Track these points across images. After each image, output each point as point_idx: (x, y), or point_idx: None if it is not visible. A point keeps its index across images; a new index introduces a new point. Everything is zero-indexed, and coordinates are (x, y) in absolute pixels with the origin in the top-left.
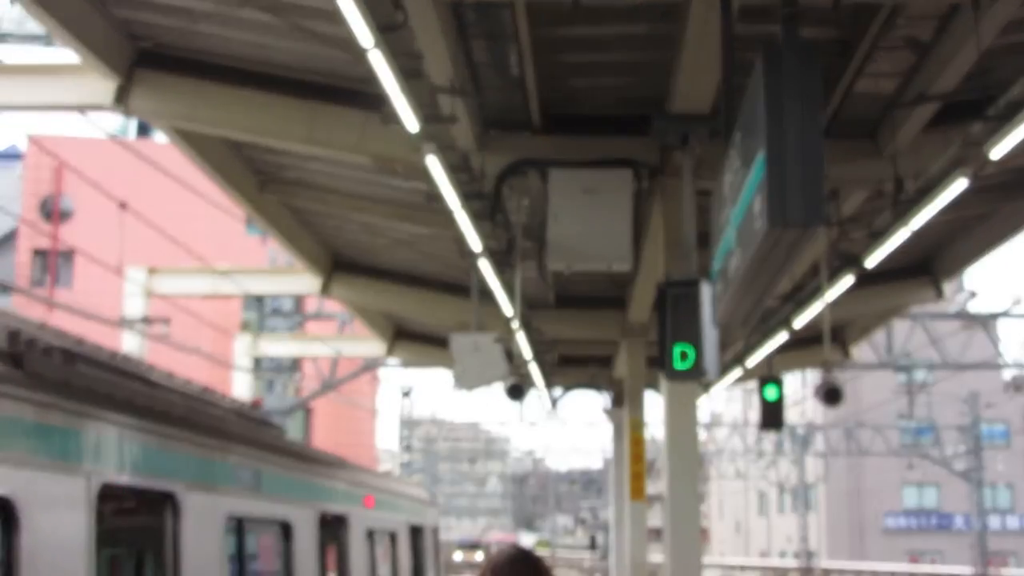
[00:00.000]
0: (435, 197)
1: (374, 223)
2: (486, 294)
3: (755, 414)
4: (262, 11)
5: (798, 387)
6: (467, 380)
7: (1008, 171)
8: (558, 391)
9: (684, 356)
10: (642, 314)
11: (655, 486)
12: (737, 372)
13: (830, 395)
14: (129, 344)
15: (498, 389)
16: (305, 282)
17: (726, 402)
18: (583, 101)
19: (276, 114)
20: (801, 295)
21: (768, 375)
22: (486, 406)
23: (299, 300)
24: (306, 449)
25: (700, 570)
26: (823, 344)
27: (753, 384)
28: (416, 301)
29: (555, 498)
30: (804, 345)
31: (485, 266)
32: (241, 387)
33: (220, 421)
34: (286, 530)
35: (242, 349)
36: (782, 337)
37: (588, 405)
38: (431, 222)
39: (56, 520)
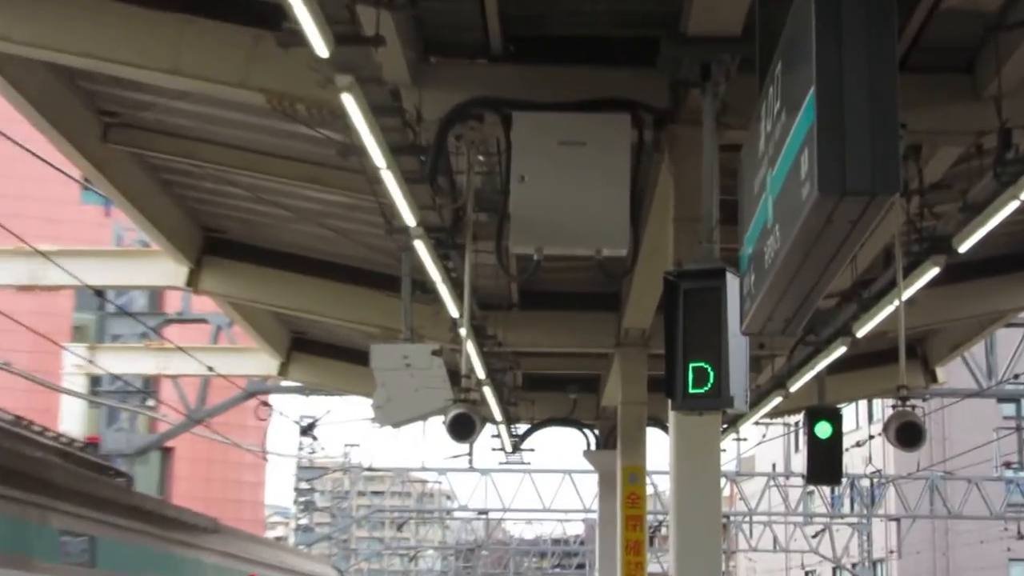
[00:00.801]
0: (352, 151)
1: (264, 187)
2: (423, 288)
3: (801, 461)
4: None
5: (861, 423)
6: (393, 412)
7: None
8: (523, 427)
9: (701, 377)
10: (642, 318)
11: (659, 562)
12: (775, 401)
13: (907, 434)
14: None
15: (438, 424)
16: (165, 270)
17: (760, 444)
18: (561, 17)
19: (130, 32)
20: (866, 294)
21: (819, 406)
22: (421, 447)
23: (156, 296)
24: (164, 507)
25: None
26: (897, 363)
27: (798, 419)
28: (322, 298)
29: None
30: (870, 364)
31: (422, 249)
32: (71, 418)
33: (38, 467)
34: None
35: (73, 364)
36: (839, 352)
37: (566, 446)
38: (346, 186)
39: None
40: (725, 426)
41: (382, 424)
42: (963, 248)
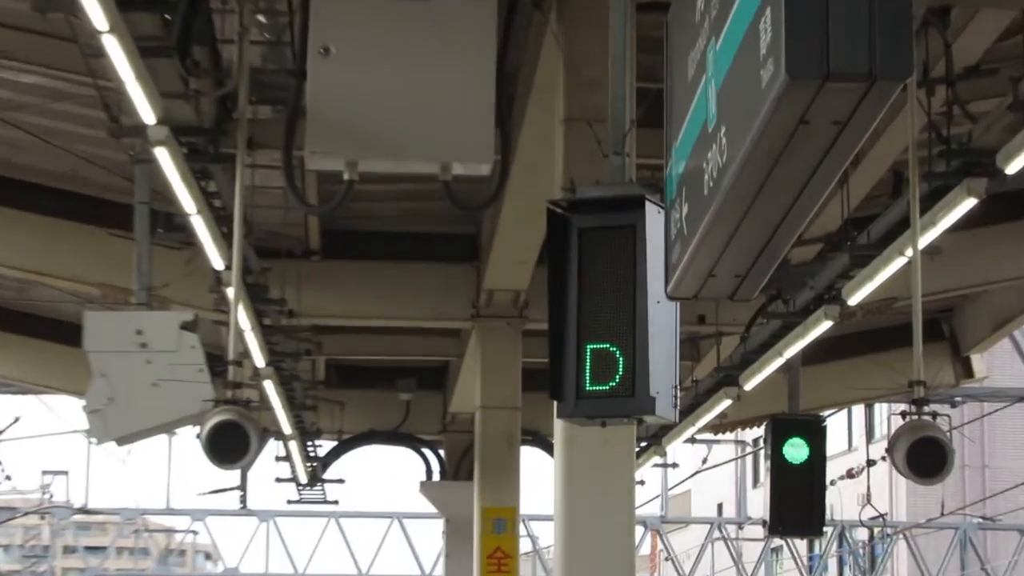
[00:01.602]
0: (57, 3)
1: None
2: (169, 224)
3: (761, 500)
4: None
5: (856, 441)
6: (118, 420)
7: None
8: (327, 445)
9: (604, 367)
10: (514, 274)
11: None
12: (722, 405)
13: (925, 459)
14: None
15: (191, 440)
16: None
17: (699, 473)
18: None
19: None
20: (863, 239)
21: (790, 414)
22: (165, 478)
23: None
24: None
25: None
26: (911, 348)
27: (758, 434)
28: (8, 237)
29: None
30: (869, 349)
31: (166, 161)
32: None
33: None
34: None
35: None
36: (820, 330)
37: (395, 476)
38: (47, 61)
39: None
40: (643, 445)
41: (100, 440)
42: (1012, 168)
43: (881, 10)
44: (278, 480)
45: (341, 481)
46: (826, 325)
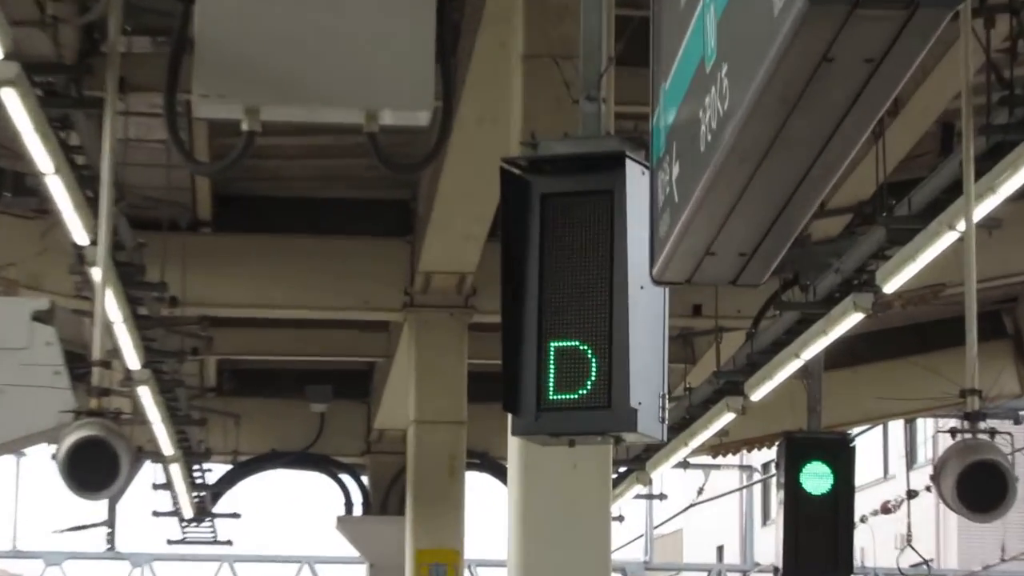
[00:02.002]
0: None
1: None
2: (18, 187)
3: (771, 541)
4: None
5: (893, 467)
6: None
7: None
8: (220, 469)
9: (573, 370)
10: (459, 252)
11: None
12: (723, 421)
13: (981, 489)
14: None
15: (45, 460)
16: None
17: (694, 507)
18: None
19: None
20: (901, 210)
21: (809, 432)
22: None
23: None
24: None
25: None
26: (963, 347)
27: (768, 458)
28: None
29: None
30: (910, 350)
31: (15, 105)
32: None
33: None
34: None
35: None
36: (848, 324)
37: (306, 510)
38: None
39: None
40: (623, 471)
41: None
42: None
43: None
44: (156, 514)
45: (236, 516)
46: (855, 319)
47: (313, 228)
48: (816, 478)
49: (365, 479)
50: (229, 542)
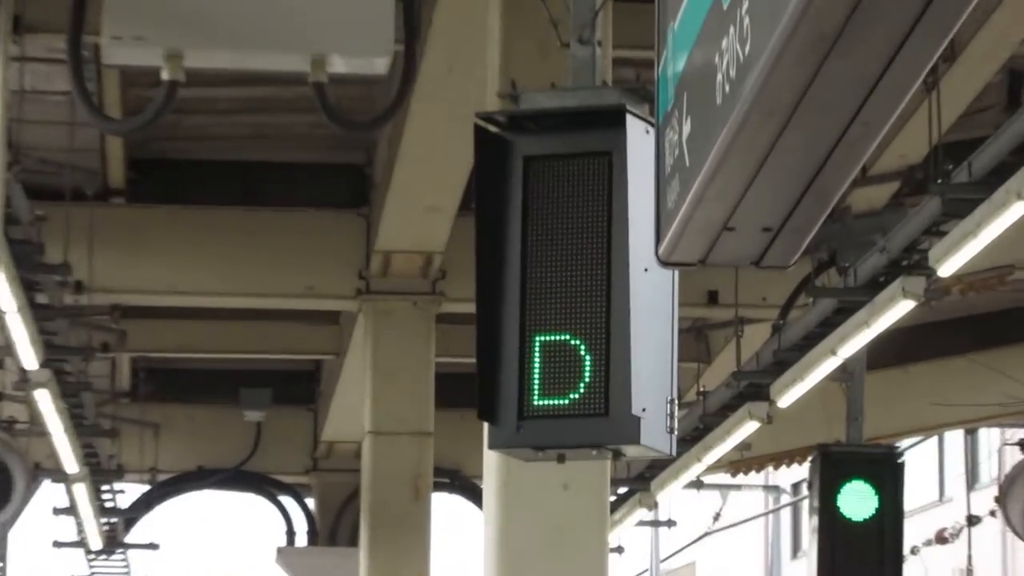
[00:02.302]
0: None
1: None
2: None
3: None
4: None
5: (950, 488)
6: None
7: None
8: (134, 491)
9: (562, 369)
10: (423, 229)
11: None
12: (744, 431)
13: None
14: None
15: None
16: None
17: (708, 536)
18: None
19: None
20: (959, 175)
21: (848, 445)
22: None
23: None
24: None
25: None
26: None
27: (799, 477)
28: None
29: None
30: (968, 345)
31: None
32: None
33: None
34: None
35: None
36: (895, 314)
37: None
38: None
39: None
40: (623, 492)
41: None
42: None
43: None
44: (57, 545)
45: (154, 547)
46: (904, 307)
47: (248, 198)
48: (857, 501)
49: (311, 502)
50: None
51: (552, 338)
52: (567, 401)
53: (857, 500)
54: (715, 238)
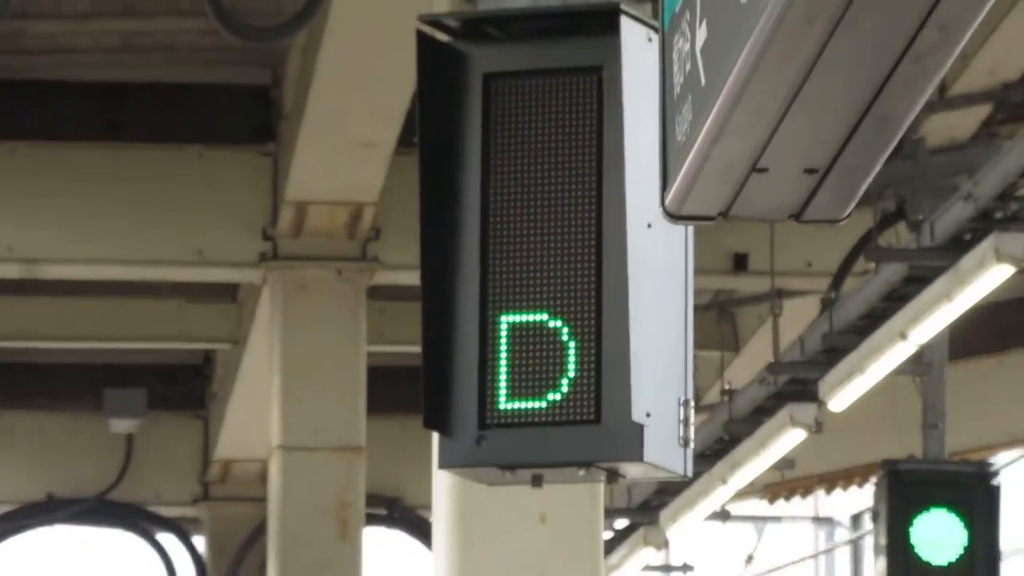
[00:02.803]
0: None
1: None
2: None
3: None
4: None
5: None
6: None
7: None
8: None
9: (538, 364)
10: (350, 170)
11: None
12: (782, 445)
13: None
14: None
15: None
16: None
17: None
18: None
19: None
20: None
21: (924, 462)
22: None
23: None
24: None
25: None
26: None
27: (856, 501)
28: None
29: None
30: None
31: None
32: None
33: None
34: None
35: None
36: (987, 284)
37: None
38: None
39: None
40: (624, 527)
41: None
42: None
43: None
44: None
45: None
46: (999, 275)
47: (113, 132)
48: (938, 536)
49: (200, 542)
50: None
51: (524, 319)
52: (545, 404)
53: (938, 536)
54: (742, 183)
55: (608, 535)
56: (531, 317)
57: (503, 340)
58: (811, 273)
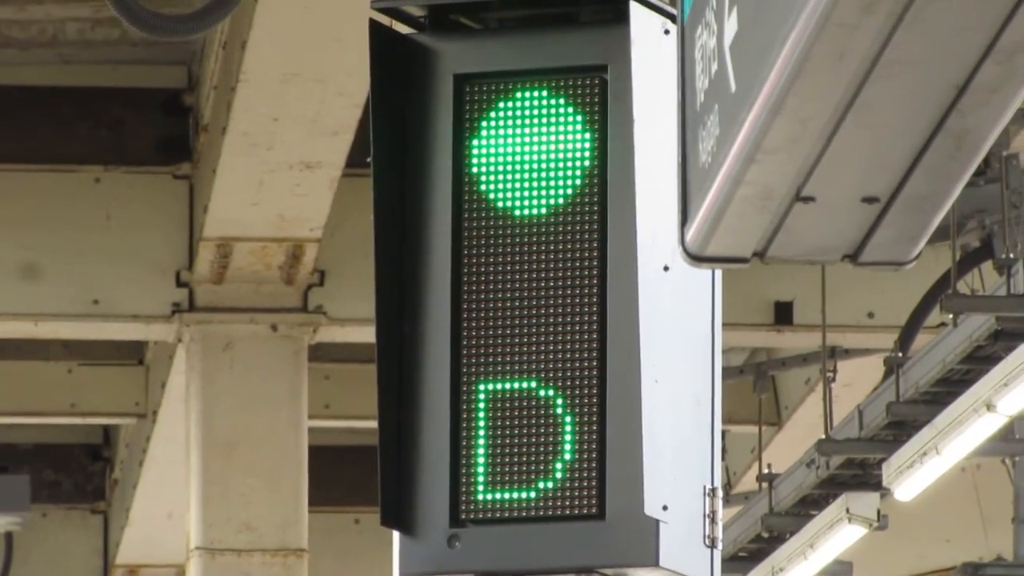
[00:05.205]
0: None
1: None
2: None
3: None
4: None
5: None
6: None
7: None
8: None
9: (523, 445)
10: (286, 200)
11: None
12: (842, 540)
13: None
14: None
15: None
16: None
17: None
18: None
19: None
20: None
21: (1016, 567)
22: None
23: None
24: None
25: None
26: None
27: None
28: None
29: None
30: None
31: None
32: None
33: None
34: None
35: None
36: None
37: None
38: None
39: None
40: None
41: None
42: None
43: None
44: None
45: None
46: None
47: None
48: None
49: None
50: None
51: (508, 387)
52: (534, 494)
53: None
54: (783, 215)
55: None
56: (516, 385)
57: (481, 414)
58: (872, 327)
